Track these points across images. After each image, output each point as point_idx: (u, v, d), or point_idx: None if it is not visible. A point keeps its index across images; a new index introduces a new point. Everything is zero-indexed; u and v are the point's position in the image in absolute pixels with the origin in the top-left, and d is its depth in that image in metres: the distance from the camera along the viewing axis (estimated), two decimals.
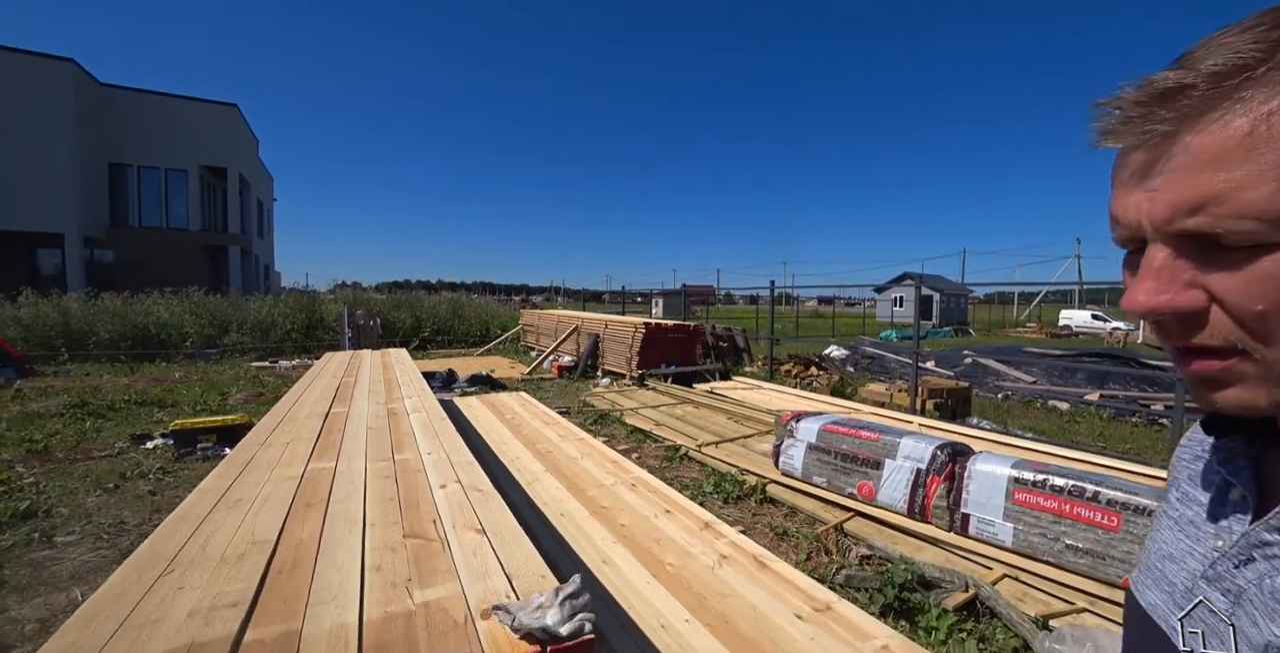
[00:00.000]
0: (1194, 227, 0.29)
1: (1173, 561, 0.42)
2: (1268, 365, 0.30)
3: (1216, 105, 0.28)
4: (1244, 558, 0.36)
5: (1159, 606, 0.41)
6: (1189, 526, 0.42)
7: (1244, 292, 0.29)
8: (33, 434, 4.93)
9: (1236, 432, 0.40)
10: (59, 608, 2.31)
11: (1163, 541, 0.44)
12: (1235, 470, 0.39)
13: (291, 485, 1.56)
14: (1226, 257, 0.29)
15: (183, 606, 0.95)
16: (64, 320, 9.33)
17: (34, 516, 3.21)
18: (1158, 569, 0.43)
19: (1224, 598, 0.36)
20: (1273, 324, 0.29)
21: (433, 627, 0.89)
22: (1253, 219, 0.27)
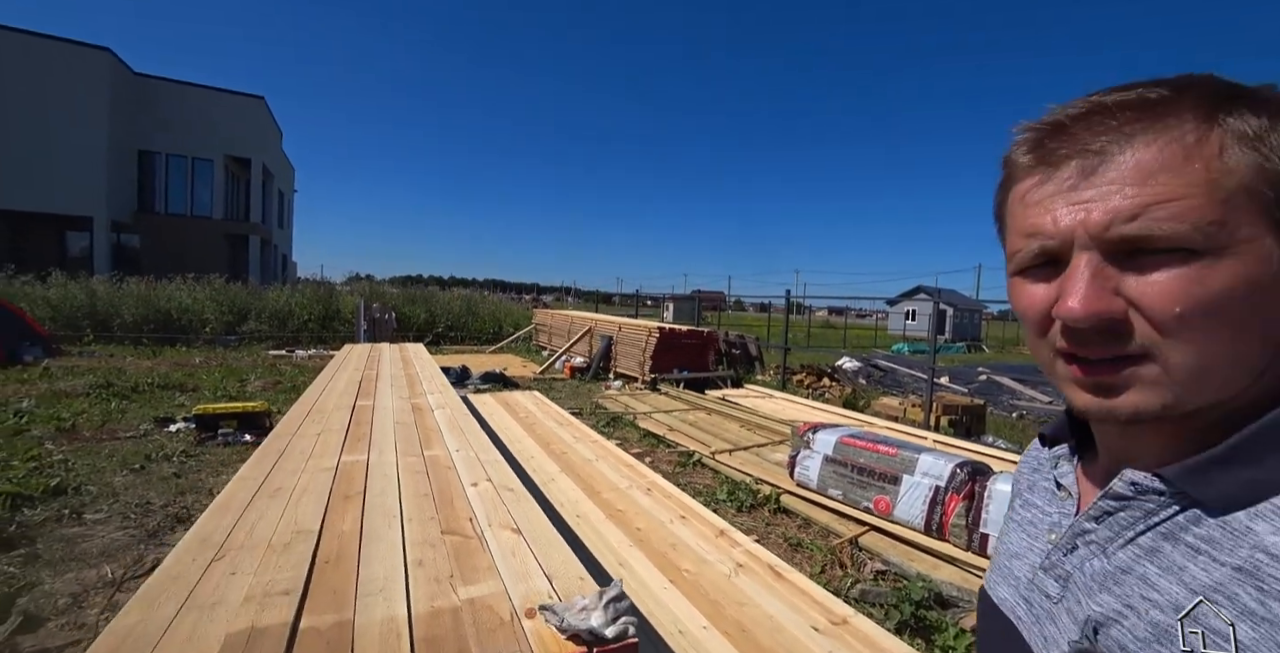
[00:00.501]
0: (1132, 231, 0.32)
1: (1018, 558, 0.46)
2: (1171, 368, 0.32)
3: (1143, 127, 0.32)
4: (1070, 547, 0.40)
5: (1007, 599, 0.46)
6: (1029, 526, 0.47)
7: (1163, 296, 0.32)
8: (60, 412, 5.05)
9: (1062, 443, 0.47)
10: (90, 584, 2.37)
11: (1009, 542, 0.49)
12: (1063, 474, 0.45)
13: (327, 477, 1.59)
14: (1147, 262, 0.32)
15: (237, 591, 0.98)
16: (90, 302, 9.54)
17: (64, 492, 3.29)
18: (1006, 567, 0.48)
19: (1056, 584, 0.41)
20: (1183, 327, 0.32)
21: (480, 624, 0.91)
22: (1184, 223, 0.31)
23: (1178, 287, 0.31)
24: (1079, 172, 0.34)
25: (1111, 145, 0.33)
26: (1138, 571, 0.35)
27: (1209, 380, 0.33)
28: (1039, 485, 0.48)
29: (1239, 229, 0.31)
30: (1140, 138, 0.32)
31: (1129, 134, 0.32)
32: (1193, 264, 0.31)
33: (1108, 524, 0.38)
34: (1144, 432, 0.37)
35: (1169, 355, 0.32)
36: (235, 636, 0.84)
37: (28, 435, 4.36)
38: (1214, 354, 0.32)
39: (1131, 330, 0.33)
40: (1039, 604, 0.42)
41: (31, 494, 3.16)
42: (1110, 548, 0.37)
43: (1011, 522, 0.50)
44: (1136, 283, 0.32)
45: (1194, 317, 0.31)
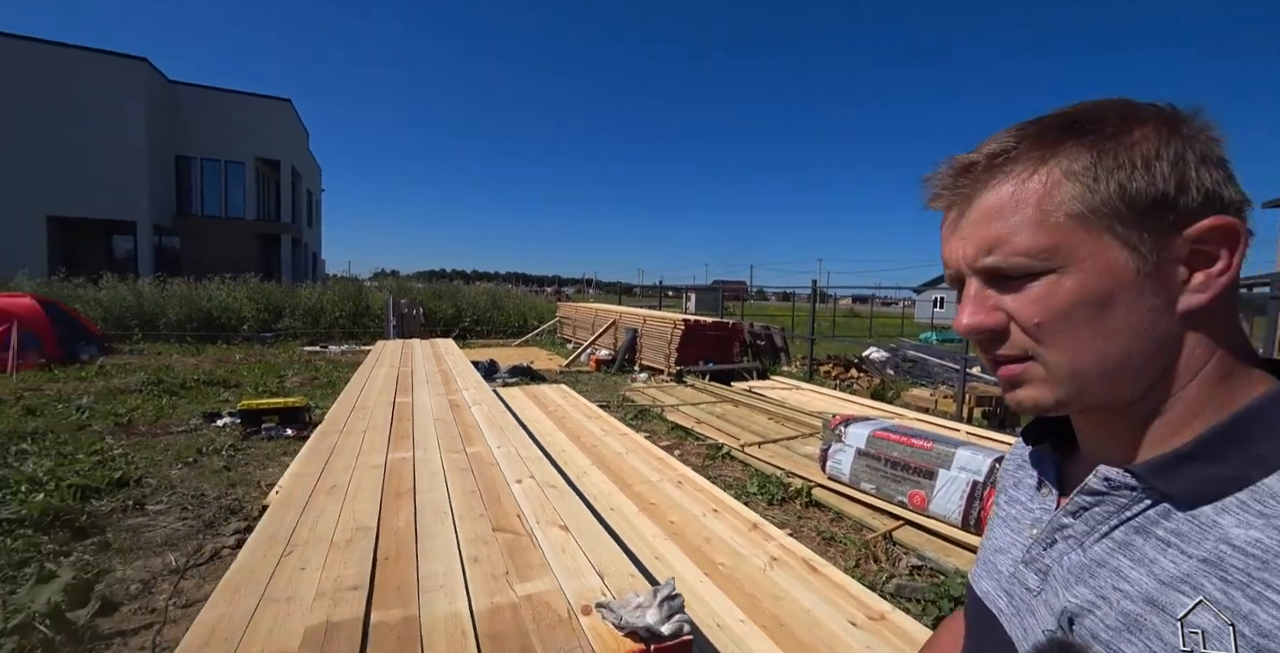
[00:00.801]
0: (989, 263, 0.39)
1: (1001, 552, 0.48)
2: (1050, 367, 0.38)
3: (993, 176, 0.39)
4: (1050, 541, 0.42)
5: (990, 592, 0.48)
6: (1013, 521, 0.49)
7: (1027, 310, 0.38)
8: (117, 408, 5.33)
9: (1046, 440, 0.49)
10: (156, 571, 2.51)
11: (993, 537, 0.51)
12: (1044, 471, 0.47)
13: (377, 474, 1.65)
14: (1013, 285, 0.38)
15: (309, 585, 1.03)
16: (138, 303, 9.98)
17: (126, 484, 3.48)
18: (990, 562, 0.50)
19: (1036, 576, 0.43)
20: (1047, 333, 0.38)
21: (539, 620, 0.95)
22: (1020, 255, 0.37)
23: (1034, 302, 0.38)
24: (957, 214, 0.41)
25: (973, 192, 0.39)
26: (1111, 563, 0.37)
27: (1092, 378, 0.37)
28: (1023, 482, 0.50)
29: (1076, 249, 0.36)
30: (990, 184, 0.39)
31: (984, 182, 0.39)
32: (1043, 281, 0.37)
33: (1084, 519, 0.40)
34: (1111, 429, 0.40)
35: (1044, 357, 0.38)
36: (314, 630, 0.89)
37: (90, 430, 4.62)
38: (1083, 355, 0.37)
39: (1008, 337, 0.39)
40: (1019, 597, 0.44)
41: (98, 486, 3.35)
42: (1087, 542, 0.39)
43: (997, 517, 0.52)
44: (1010, 300, 0.39)
45: (1051, 325, 0.37)
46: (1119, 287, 0.35)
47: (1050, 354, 0.38)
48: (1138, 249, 0.35)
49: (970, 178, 0.39)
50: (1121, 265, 0.35)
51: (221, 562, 2.63)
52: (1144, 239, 0.35)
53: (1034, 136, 0.38)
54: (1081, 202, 0.36)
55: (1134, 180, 0.35)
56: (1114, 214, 0.35)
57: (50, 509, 2.89)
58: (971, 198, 0.39)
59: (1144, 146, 0.35)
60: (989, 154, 0.39)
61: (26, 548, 2.60)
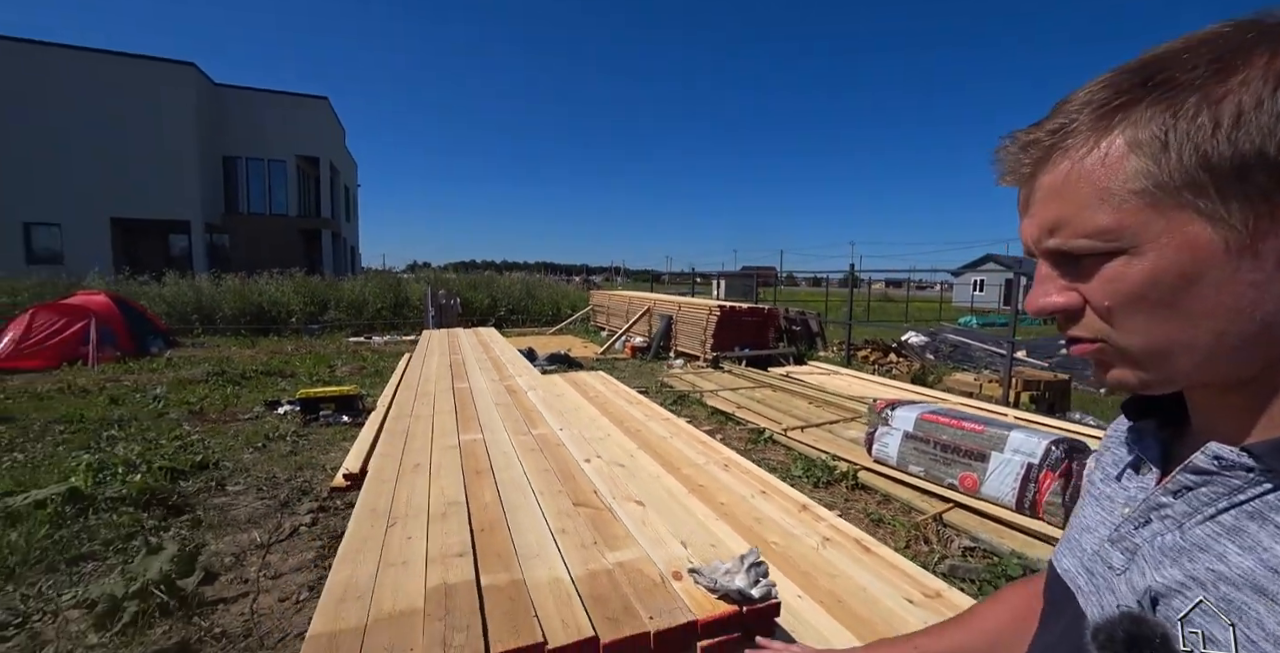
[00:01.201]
0: (1052, 245, 0.37)
1: (1089, 531, 0.46)
2: (1125, 351, 0.37)
3: (1052, 152, 0.36)
4: (1143, 520, 0.40)
5: (1070, 570, 0.47)
6: (1105, 500, 0.47)
7: (1096, 293, 0.36)
8: (187, 397, 5.70)
9: (1151, 416, 0.45)
10: (244, 546, 2.72)
11: (1082, 515, 0.49)
12: (1146, 448, 0.44)
13: (455, 454, 1.75)
14: (1084, 266, 0.36)
15: (418, 552, 1.13)
16: (197, 298, 10.57)
17: (206, 467, 3.75)
18: (1075, 540, 0.48)
19: (1122, 556, 0.41)
20: (1117, 317, 0.36)
21: (635, 584, 1.02)
22: (1082, 237, 0.35)
23: (1104, 284, 0.36)
24: (1025, 192, 0.39)
25: (1036, 170, 0.37)
26: (1215, 548, 0.34)
27: (1179, 360, 0.35)
28: (1121, 459, 0.48)
29: (1145, 228, 0.33)
30: (1051, 161, 0.36)
31: (1044, 158, 0.37)
32: (1114, 263, 0.35)
33: (1186, 499, 0.37)
34: (1227, 405, 0.37)
35: (1118, 341, 0.37)
36: (434, 590, 0.98)
37: (168, 418, 4.96)
38: (1162, 339, 0.35)
39: (1081, 319, 0.38)
40: (1100, 575, 0.42)
41: (183, 468, 3.62)
42: (1187, 524, 0.37)
43: (1089, 495, 0.50)
44: (1082, 283, 0.37)
45: (1123, 308, 0.35)
46: (1203, 264, 0.32)
47: (1124, 338, 0.36)
48: (1225, 221, 0.31)
49: (1031, 156, 0.37)
50: (1205, 241, 0.32)
51: (300, 538, 2.83)
52: (1232, 210, 0.31)
53: (1099, 103, 0.34)
54: (1147, 176, 0.32)
55: (1217, 144, 0.31)
56: (1189, 186, 0.31)
57: (147, 489, 3.15)
58: (1035, 176, 0.37)
59: (1240, 97, 0.30)
60: (1049, 130, 0.36)
61: (131, 523, 2.85)
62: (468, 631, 0.86)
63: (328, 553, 2.65)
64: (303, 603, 2.27)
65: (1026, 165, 0.38)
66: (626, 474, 1.60)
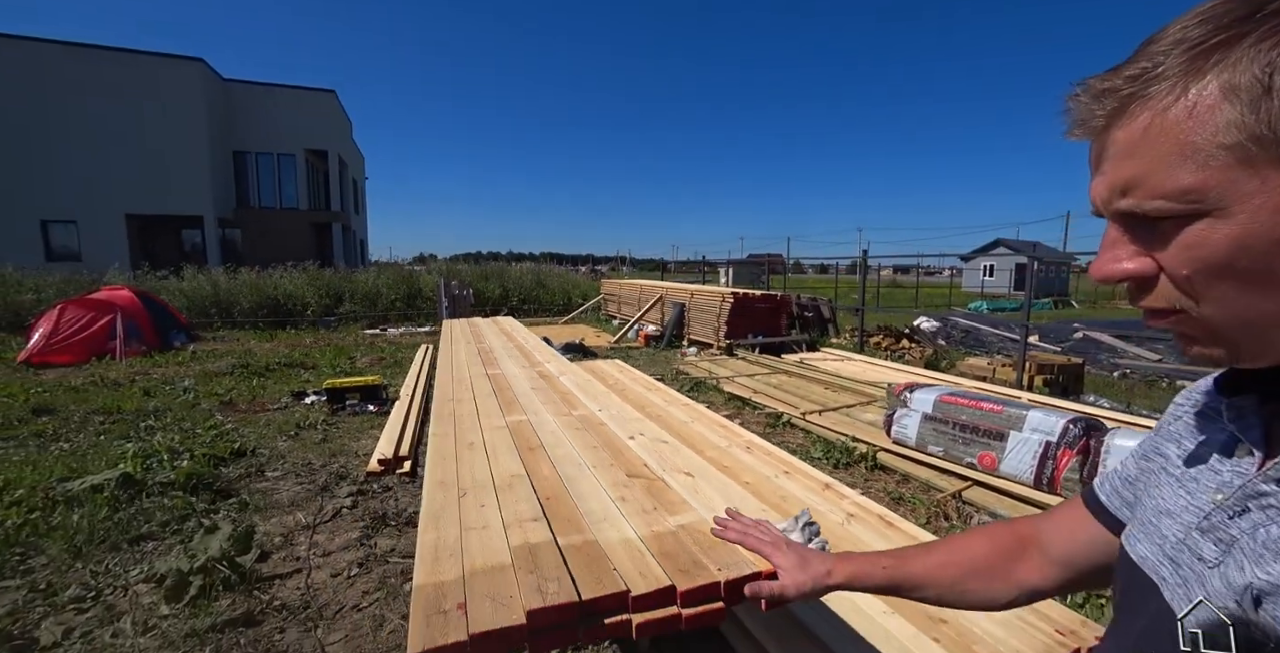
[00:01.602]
0: (1125, 207, 0.34)
1: (1169, 516, 0.42)
2: (1207, 323, 0.34)
3: (1130, 103, 0.32)
4: (1240, 509, 0.37)
5: (1149, 557, 0.42)
6: (1190, 482, 0.42)
7: (1174, 260, 0.33)
8: (215, 388, 5.86)
9: (1251, 390, 0.40)
10: (291, 527, 2.86)
11: (1160, 497, 0.44)
12: (1245, 427, 0.40)
13: (505, 434, 1.85)
14: (1161, 231, 0.33)
15: (494, 518, 1.23)
16: (215, 293, 10.74)
17: (244, 454, 3.90)
18: (1152, 524, 0.44)
19: (1215, 547, 0.37)
20: (1198, 287, 0.33)
21: (699, 543, 1.11)
22: (1160, 199, 0.32)
23: (1183, 251, 0.32)
24: (1097, 148, 0.35)
25: (1110, 122, 0.34)
26: None
27: (1265, 335, 0.33)
28: (1212, 437, 0.43)
29: (1235, 188, 0.29)
30: (1128, 113, 0.33)
31: (1121, 109, 0.33)
32: (1195, 227, 0.31)
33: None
34: None
35: (1201, 313, 0.33)
36: (518, 548, 1.08)
37: (200, 408, 5.12)
38: (1248, 311, 0.32)
39: (1155, 288, 0.35)
40: (1188, 566, 0.39)
41: (223, 455, 3.77)
42: None
43: (1166, 475, 0.46)
44: (1158, 249, 0.34)
45: (1205, 278, 0.32)
46: None
47: (1206, 309, 0.33)
48: None
49: (1105, 107, 0.34)
50: None
51: (343, 519, 2.96)
52: None
53: (1193, 42, 0.30)
54: (1241, 129, 0.29)
55: None
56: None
57: (194, 474, 3.29)
58: (1109, 129, 0.34)
59: None
60: (1129, 76, 0.32)
61: (183, 506, 2.99)
62: (559, 581, 0.95)
63: (372, 532, 2.79)
64: (354, 578, 2.40)
65: (1099, 117, 0.34)
66: (671, 449, 1.68)
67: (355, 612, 2.17)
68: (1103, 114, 0.34)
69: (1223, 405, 0.42)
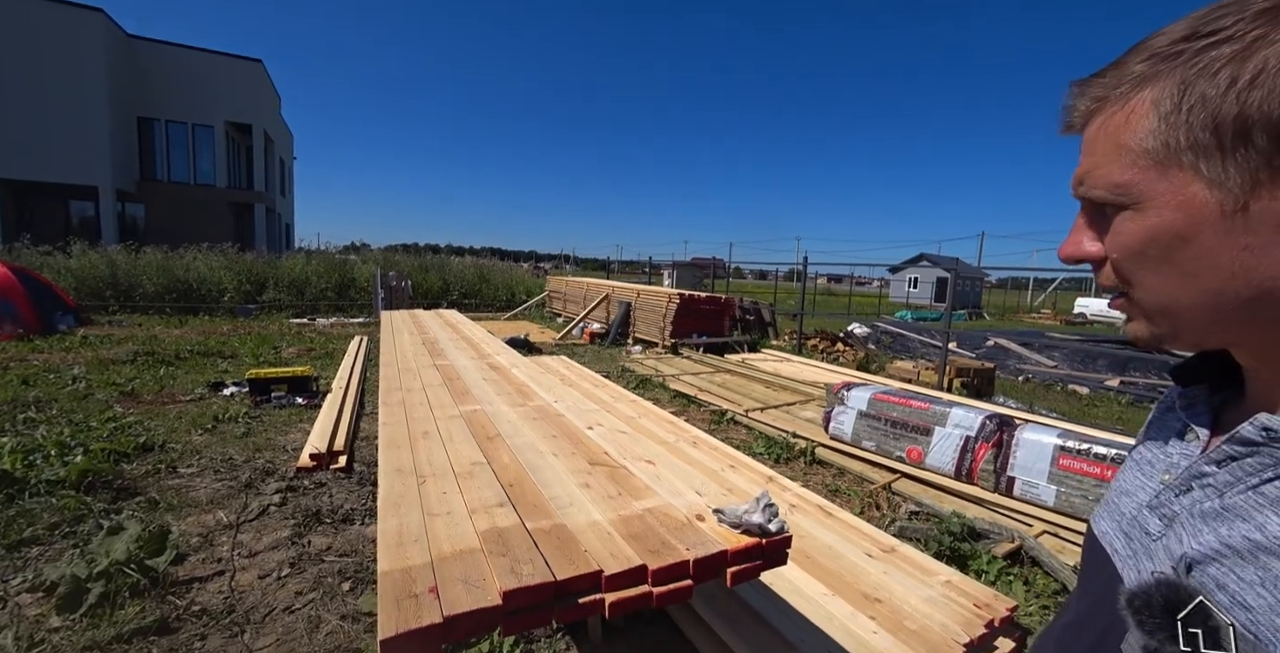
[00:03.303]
0: (1080, 193, 0.40)
1: (1127, 495, 0.46)
2: (1136, 303, 0.39)
3: (1097, 104, 0.38)
4: (1184, 488, 0.40)
5: (1108, 532, 0.46)
6: (1146, 465, 0.46)
7: (1109, 244, 0.38)
8: (112, 378, 5.27)
9: (1202, 381, 0.44)
10: (211, 526, 2.63)
11: (1123, 479, 0.49)
12: (1195, 415, 0.44)
13: (461, 423, 1.80)
14: (1108, 218, 0.38)
15: (458, 504, 1.20)
16: (111, 272, 9.63)
17: (151, 449, 3.54)
18: (1114, 503, 0.47)
19: (1159, 522, 0.40)
20: (1124, 271, 0.38)
21: (666, 525, 1.14)
22: (1100, 189, 0.37)
23: (1113, 237, 0.38)
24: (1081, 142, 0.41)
25: (1082, 121, 0.40)
26: (1256, 518, 0.33)
27: (1177, 318, 0.37)
28: (1167, 424, 0.47)
29: (1149, 186, 0.34)
30: (1095, 114, 0.38)
31: (1090, 110, 0.39)
32: (1122, 216, 0.37)
33: (1230, 469, 0.37)
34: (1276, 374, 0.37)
35: (1131, 294, 0.39)
36: (487, 533, 1.06)
37: (94, 399, 4.59)
38: (1164, 294, 0.36)
39: (1107, 270, 0.39)
40: (1138, 540, 0.42)
41: (125, 451, 3.40)
42: (1228, 493, 0.36)
43: (1130, 459, 0.50)
44: (1104, 235, 0.39)
45: (1125, 262, 0.37)
46: (1198, 226, 0.33)
47: (1133, 291, 0.38)
48: (1222, 184, 0.32)
49: (1080, 108, 0.39)
50: (1200, 203, 0.33)
51: (270, 517, 2.76)
52: (1230, 173, 0.31)
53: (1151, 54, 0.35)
54: (1156, 136, 0.34)
55: (1224, 104, 0.31)
56: (1192, 147, 0.32)
57: (89, 471, 2.95)
58: (1082, 127, 0.40)
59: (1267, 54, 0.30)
60: (1099, 83, 0.38)
61: (76, 506, 2.68)
62: (532, 563, 0.95)
63: (304, 531, 2.62)
64: (285, 579, 2.25)
65: (1076, 116, 0.40)
66: (631, 439, 1.71)
67: (287, 614, 2.04)
68: (1077, 115, 0.40)
69: (1178, 395, 0.46)
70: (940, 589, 2.07)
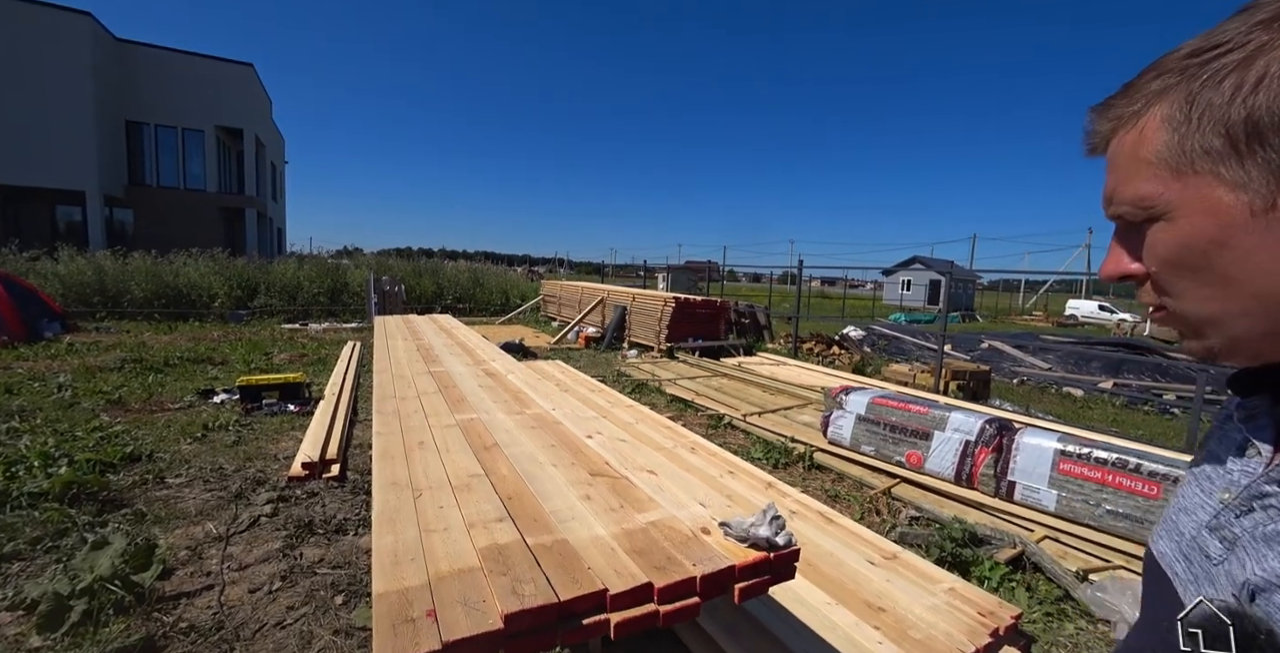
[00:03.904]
0: (1110, 213, 0.40)
1: (1187, 513, 0.44)
2: (1180, 317, 0.38)
3: (1110, 134, 0.40)
4: (1244, 509, 0.38)
5: (1167, 553, 0.44)
6: (1205, 481, 0.44)
7: (1148, 258, 0.38)
8: (100, 386, 5.18)
9: (1263, 391, 0.41)
10: (199, 539, 2.57)
11: (1181, 495, 0.46)
12: (1256, 429, 0.41)
13: (457, 432, 1.76)
14: (1141, 234, 0.38)
15: (456, 519, 1.16)
16: (99, 278, 9.49)
17: (139, 459, 3.46)
18: (1172, 521, 0.45)
19: (1220, 545, 0.38)
20: (1163, 283, 0.38)
21: (670, 539, 1.11)
22: (1125, 204, 0.38)
23: (1147, 251, 0.38)
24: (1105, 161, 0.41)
25: (1102, 142, 0.41)
26: None
27: (1227, 327, 0.35)
28: (1227, 437, 0.44)
29: (1174, 195, 0.35)
30: (1113, 133, 0.39)
31: (1109, 131, 0.40)
32: (1153, 229, 0.37)
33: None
34: None
35: (1173, 307, 0.38)
36: (486, 550, 1.02)
37: (80, 408, 4.50)
38: (1204, 303, 0.36)
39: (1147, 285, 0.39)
40: (1198, 563, 0.40)
41: (111, 461, 3.33)
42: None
43: (1189, 474, 0.47)
44: (1140, 250, 0.39)
45: (1162, 274, 0.37)
46: (1229, 229, 0.33)
47: (1174, 303, 0.37)
48: (1245, 186, 0.32)
49: (1099, 130, 0.40)
50: (1227, 206, 0.33)
51: (261, 529, 2.70)
52: (1252, 174, 0.32)
53: (1141, 86, 0.37)
54: (1169, 147, 0.35)
55: (1232, 109, 0.32)
56: (1208, 153, 0.33)
57: (74, 483, 2.88)
58: (1105, 149, 0.40)
59: (1269, 61, 0.31)
60: (1115, 104, 0.39)
61: (60, 519, 2.61)
62: (534, 582, 0.92)
63: (296, 542, 2.56)
64: (276, 593, 2.19)
65: (1096, 138, 0.41)
66: (631, 448, 1.68)
67: (278, 630, 1.98)
68: (1097, 137, 0.41)
69: (1237, 406, 0.44)
70: (944, 597, 2.04)
